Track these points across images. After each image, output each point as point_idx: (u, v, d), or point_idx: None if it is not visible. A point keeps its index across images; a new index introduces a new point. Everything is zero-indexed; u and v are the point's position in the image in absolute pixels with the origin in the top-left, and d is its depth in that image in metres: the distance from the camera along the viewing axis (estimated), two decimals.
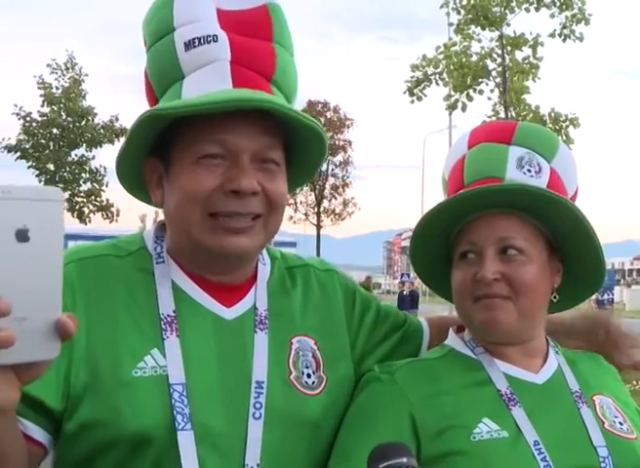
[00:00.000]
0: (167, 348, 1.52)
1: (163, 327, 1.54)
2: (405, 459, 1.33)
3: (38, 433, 1.47)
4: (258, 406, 1.53)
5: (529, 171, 1.78)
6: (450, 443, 1.60)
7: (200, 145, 1.54)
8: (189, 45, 1.57)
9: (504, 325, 1.69)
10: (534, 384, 1.73)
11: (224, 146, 1.54)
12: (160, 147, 1.60)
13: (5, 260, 1.00)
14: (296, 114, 1.55)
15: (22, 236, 1.01)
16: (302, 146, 1.67)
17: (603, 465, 1.60)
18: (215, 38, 1.56)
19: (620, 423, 1.71)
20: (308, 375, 1.64)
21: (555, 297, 1.80)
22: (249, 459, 1.50)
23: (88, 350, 1.49)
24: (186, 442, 1.45)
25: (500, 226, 1.72)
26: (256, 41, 1.61)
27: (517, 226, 1.73)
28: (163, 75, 1.62)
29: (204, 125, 1.53)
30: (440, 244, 1.83)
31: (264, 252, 1.77)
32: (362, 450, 1.55)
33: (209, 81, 1.55)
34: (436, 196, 2.06)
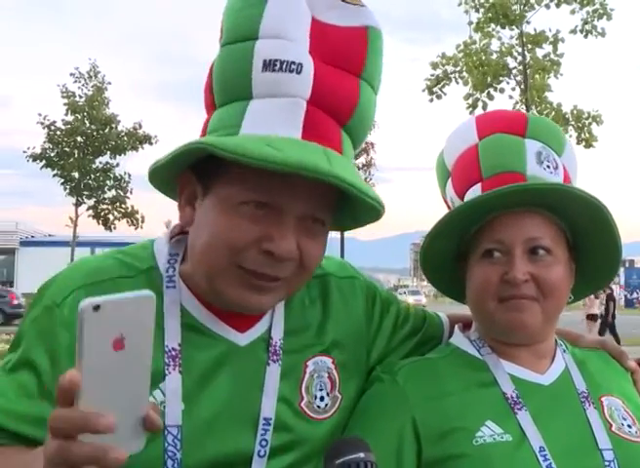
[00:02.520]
0: (167, 386, 1.43)
1: (166, 361, 1.45)
2: (362, 454, 1.28)
3: None
4: (264, 443, 1.47)
5: (548, 167, 1.74)
6: (452, 446, 1.55)
7: (247, 191, 1.38)
8: (269, 66, 1.38)
9: (531, 327, 1.65)
10: (540, 385, 1.68)
11: (274, 200, 1.38)
12: (201, 165, 1.43)
13: (103, 371, 1.00)
14: (359, 193, 1.37)
15: (119, 344, 1.01)
16: (357, 209, 1.50)
17: None
18: (299, 68, 1.38)
19: (629, 426, 1.67)
20: (322, 398, 1.58)
21: (570, 298, 1.76)
22: None
23: None
24: None
25: (529, 225, 1.67)
26: (343, 75, 1.43)
27: (544, 226, 1.68)
28: (230, 85, 1.43)
29: (258, 170, 1.32)
30: (454, 241, 1.78)
31: None
32: None
33: (277, 119, 1.37)
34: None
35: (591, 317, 24.68)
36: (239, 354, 1.52)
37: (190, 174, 1.47)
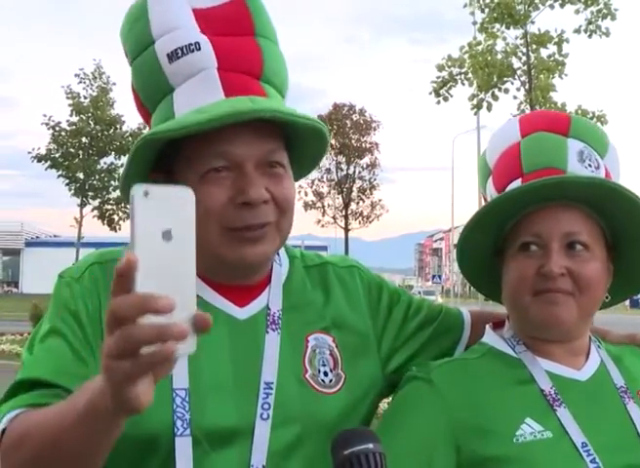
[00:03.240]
0: None
1: None
2: (371, 445, 1.27)
3: None
4: (266, 406, 1.52)
5: (590, 165, 1.75)
6: (492, 446, 1.56)
7: (203, 160, 1.53)
8: (172, 56, 1.54)
9: (566, 322, 1.65)
10: (577, 381, 1.69)
11: (227, 158, 1.52)
12: (163, 163, 1.59)
13: (156, 259, 1.02)
14: (292, 116, 1.53)
15: (167, 235, 1.03)
16: (304, 141, 1.65)
17: None
18: (197, 46, 1.54)
19: None
20: (325, 373, 1.62)
21: (607, 298, 1.76)
22: (254, 460, 1.48)
23: None
24: (183, 448, 1.45)
25: (567, 220, 1.68)
26: (238, 39, 1.59)
27: (582, 221, 1.69)
28: (151, 89, 1.60)
29: (203, 139, 1.51)
30: (491, 235, 1.79)
31: (282, 252, 1.76)
32: (395, 451, 1.52)
33: (200, 93, 1.53)
34: (466, 197, 2.01)
35: None
36: (239, 327, 1.60)
37: (156, 174, 1.59)
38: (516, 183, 1.75)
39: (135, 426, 1.45)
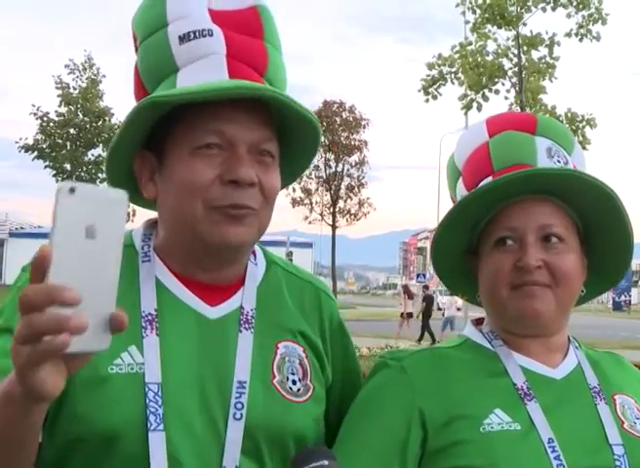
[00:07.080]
0: (145, 347, 1.50)
1: (143, 325, 1.52)
2: (326, 462, 1.29)
3: None
4: (239, 406, 1.50)
5: (559, 161, 1.77)
6: (457, 432, 1.56)
7: (197, 135, 1.52)
8: (184, 38, 1.56)
9: (544, 315, 1.65)
10: (552, 379, 1.69)
11: (222, 136, 1.53)
12: (152, 140, 1.58)
13: (74, 254, 1.05)
14: (297, 106, 1.55)
15: (91, 233, 1.05)
16: (295, 140, 1.66)
17: (618, 463, 1.56)
18: (210, 32, 1.56)
19: None
20: (294, 382, 1.59)
21: (583, 291, 1.77)
22: (226, 461, 1.47)
23: None
24: (157, 443, 1.43)
25: (541, 213, 1.69)
26: (248, 38, 1.61)
27: (556, 213, 1.70)
28: (156, 69, 1.60)
29: (201, 115, 1.52)
30: (465, 233, 1.79)
31: (260, 254, 1.75)
32: (364, 441, 1.56)
33: (205, 72, 1.54)
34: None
35: (408, 315, 28.95)
36: (209, 327, 1.57)
37: (144, 152, 1.60)
38: (487, 180, 1.75)
39: (101, 420, 1.44)
